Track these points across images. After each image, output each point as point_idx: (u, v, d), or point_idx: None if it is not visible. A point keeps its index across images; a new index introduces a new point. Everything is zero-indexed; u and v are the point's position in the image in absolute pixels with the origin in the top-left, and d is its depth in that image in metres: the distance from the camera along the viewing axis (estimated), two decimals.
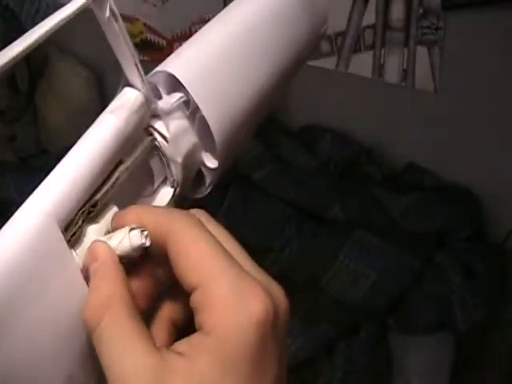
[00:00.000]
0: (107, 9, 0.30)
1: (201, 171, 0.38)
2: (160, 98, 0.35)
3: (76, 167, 0.30)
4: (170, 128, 0.34)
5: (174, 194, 0.36)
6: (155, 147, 0.35)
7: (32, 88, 1.37)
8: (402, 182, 1.21)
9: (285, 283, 0.31)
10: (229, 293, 0.28)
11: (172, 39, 1.32)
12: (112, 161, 0.32)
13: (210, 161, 0.37)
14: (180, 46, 0.36)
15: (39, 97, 1.39)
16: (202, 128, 0.35)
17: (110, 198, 0.32)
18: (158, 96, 0.35)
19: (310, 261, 1.07)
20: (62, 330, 0.29)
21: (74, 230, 0.30)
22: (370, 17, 1.17)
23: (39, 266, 0.28)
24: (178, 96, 0.34)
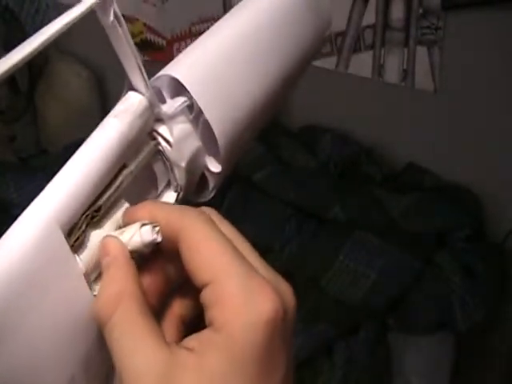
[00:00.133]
0: (111, 13, 0.30)
1: (204, 175, 0.38)
2: (164, 102, 0.35)
3: (79, 171, 0.30)
4: (174, 132, 0.34)
5: (177, 198, 0.36)
6: (159, 151, 0.34)
7: (32, 88, 1.37)
8: (401, 182, 1.20)
9: None
10: (239, 291, 0.28)
11: (172, 39, 1.31)
12: (116, 165, 0.32)
13: (214, 165, 0.37)
14: (180, 46, 0.36)
15: (39, 97, 1.39)
16: (206, 132, 0.35)
17: (114, 202, 0.32)
18: (162, 100, 0.35)
19: (310, 261, 1.07)
20: (64, 335, 0.29)
21: (77, 235, 0.30)
22: (369, 17, 1.16)
23: (42, 271, 0.28)
24: (181, 100, 0.34)
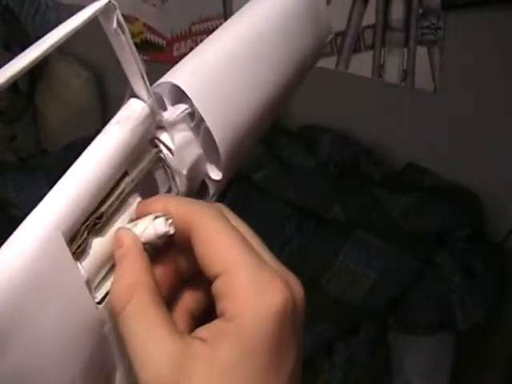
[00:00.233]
0: (114, 20, 0.30)
1: (204, 182, 0.38)
2: (165, 109, 0.35)
3: (81, 179, 0.30)
4: (175, 140, 0.34)
5: None
6: (160, 159, 0.35)
7: (32, 88, 1.37)
8: (401, 182, 1.20)
9: None
10: (249, 282, 0.28)
11: (172, 39, 1.31)
12: (117, 172, 0.32)
13: (215, 172, 0.37)
14: (180, 46, 0.36)
15: (39, 97, 1.39)
16: (207, 139, 0.35)
17: (115, 210, 0.32)
18: (163, 107, 0.35)
19: (310, 261, 1.07)
20: (66, 342, 0.29)
21: (79, 242, 0.30)
22: (369, 17, 1.16)
23: (44, 279, 0.28)
24: (182, 108, 0.34)
